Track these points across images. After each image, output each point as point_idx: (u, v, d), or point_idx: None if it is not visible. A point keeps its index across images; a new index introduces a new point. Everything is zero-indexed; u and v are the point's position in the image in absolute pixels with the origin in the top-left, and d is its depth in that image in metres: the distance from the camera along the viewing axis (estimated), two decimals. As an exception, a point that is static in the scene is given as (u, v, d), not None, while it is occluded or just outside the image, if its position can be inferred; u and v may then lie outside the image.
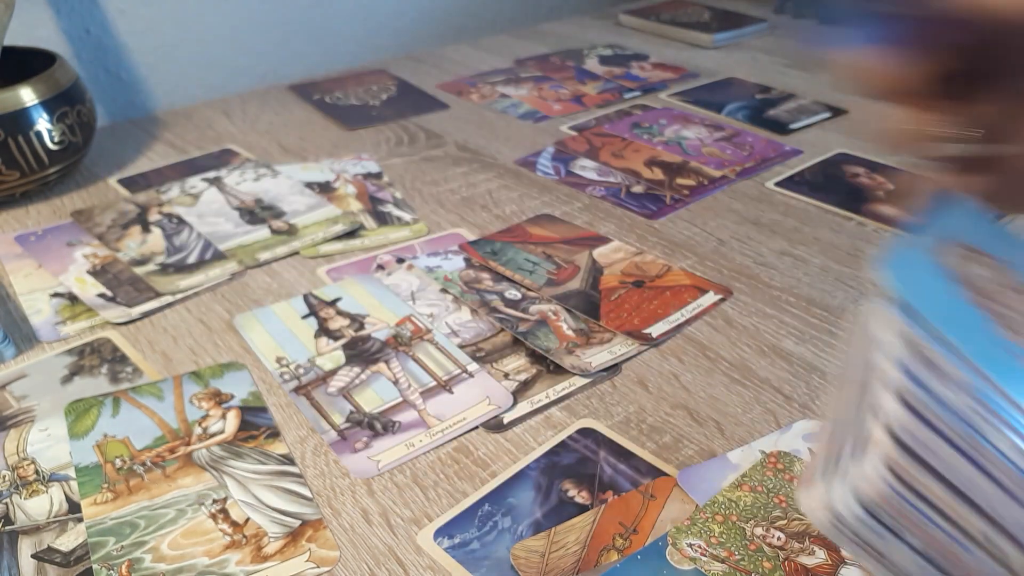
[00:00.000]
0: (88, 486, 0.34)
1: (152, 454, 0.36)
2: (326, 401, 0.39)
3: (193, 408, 0.38)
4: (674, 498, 0.33)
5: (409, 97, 0.76)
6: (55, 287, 0.48)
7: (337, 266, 0.50)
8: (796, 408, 0.38)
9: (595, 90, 0.77)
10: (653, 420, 0.37)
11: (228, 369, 0.41)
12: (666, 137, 0.67)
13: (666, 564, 0.30)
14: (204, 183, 0.59)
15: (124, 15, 0.75)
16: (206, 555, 0.31)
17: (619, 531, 0.32)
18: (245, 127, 0.70)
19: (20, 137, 0.53)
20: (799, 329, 0.44)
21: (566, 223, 0.54)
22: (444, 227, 0.54)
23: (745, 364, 0.41)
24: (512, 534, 0.32)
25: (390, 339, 0.43)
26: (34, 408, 0.39)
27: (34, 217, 0.56)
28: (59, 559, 0.31)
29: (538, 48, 0.90)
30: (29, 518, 0.33)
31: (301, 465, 0.35)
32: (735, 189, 0.59)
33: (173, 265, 0.50)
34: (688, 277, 0.48)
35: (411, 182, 0.60)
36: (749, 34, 0.93)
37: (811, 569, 0.30)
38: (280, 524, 0.33)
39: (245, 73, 0.85)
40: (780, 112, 0.71)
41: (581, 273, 0.48)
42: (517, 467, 0.35)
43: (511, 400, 0.39)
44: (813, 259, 0.50)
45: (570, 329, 0.43)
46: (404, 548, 0.32)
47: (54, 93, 0.55)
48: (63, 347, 0.43)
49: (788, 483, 0.33)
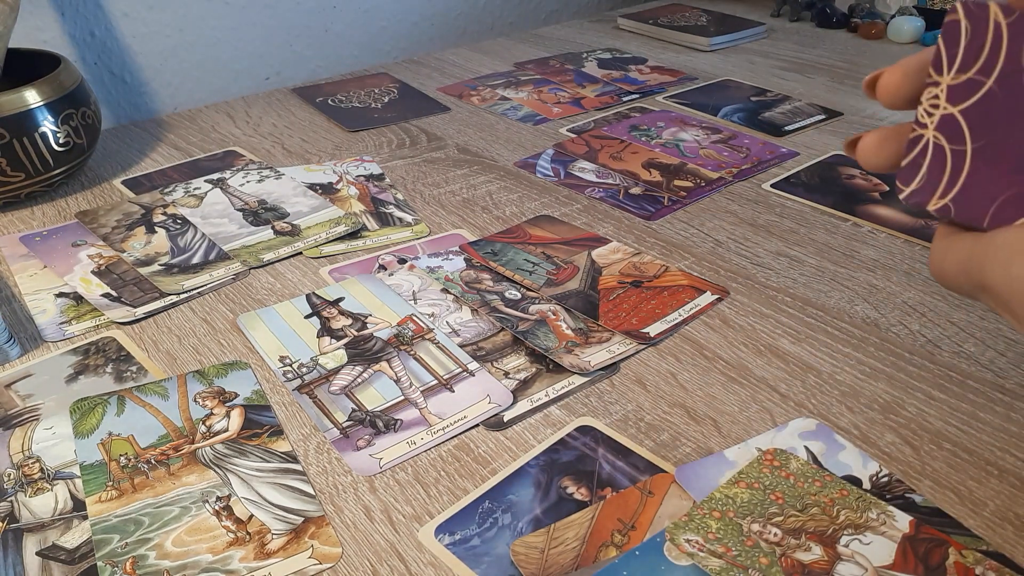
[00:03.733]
0: (93, 484, 0.35)
1: (156, 452, 0.36)
2: (328, 400, 0.39)
3: (197, 406, 0.39)
4: (672, 495, 0.33)
5: (410, 100, 0.77)
6: (60, 287, 0.48)
7: (340, 266, 0.51)
8: (792, 406, 0.38)
9: (594, 93, 0.78)
10: (651, 418, 0.38)
11: (232, 368, 0.42)
12: (664, 139, 0.67)
13: (664, 560, 0.30)
14: (208, 184, 0.60)
15: (128, 18, 0.76)
16: (210, 552, 0.32)
17: (617, 527, 0.32)
18: (249, 129, 0.71)
19: (25, 139, 0.54)
20: (795, 329, 0.44)
21: (565, 224, 0.55)
22: (445, 228, 0.55)
23: (742, 363, 0.41)
24: (512, 531, 0.32)
25: (392, 338, 0.43)
26: (39, 407, 0.39)
27: (39, 218, 0.57)
28: (64, 556, 0.32)
29: (538, 52, 0.91)
30: (34, 516, 0.33)
31: (304, 463, 0.36)
32: (732, 191, 0.59)
33: (177, 265, 0.50)
34: (685, 277, 0.48)
35: (412, 184, 0.61)
36: (746, 38, 0.93)
37: (807, 565, 0.30)
38: (283, 521, 0.33)
39: (248, 76, 0.85)
40: (776, 114, 0.72)
41: (580, 273, 0.49)
42: (517, 464, 0.35)
43: (511, 398, 0.39)
44: (809, 260, 0.50)
45: (569, 329, 0.44)
46: (405, 545, 0.32)
47: (59, 95, 0.56)
48: (68, 346, 0.43)
49: (784, 480, 0.34)
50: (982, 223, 0.23)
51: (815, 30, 0.97)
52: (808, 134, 0.68)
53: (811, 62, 0.86)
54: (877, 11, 0.95)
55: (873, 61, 0.86)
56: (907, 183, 0.25)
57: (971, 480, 0.34)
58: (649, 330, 0.44)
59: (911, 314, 0.45)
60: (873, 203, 0.57)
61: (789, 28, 0.98)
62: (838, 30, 0.96)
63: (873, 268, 0.49)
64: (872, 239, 0.53)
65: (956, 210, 0.24)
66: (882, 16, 0.95)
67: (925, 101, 0.24)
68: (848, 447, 0.36)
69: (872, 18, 0.94)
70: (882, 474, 0.34)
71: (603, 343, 0.43)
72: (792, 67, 0.84)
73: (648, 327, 0.44)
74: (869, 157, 0.26)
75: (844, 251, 0.51)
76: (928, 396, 0.39)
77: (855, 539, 0.31)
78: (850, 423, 0.37)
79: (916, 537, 0.31)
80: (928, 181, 0.24)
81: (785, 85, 0.79)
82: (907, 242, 0.52)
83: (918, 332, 0.44)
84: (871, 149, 0.26)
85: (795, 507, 0.32)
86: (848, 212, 0.56)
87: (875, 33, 0.92)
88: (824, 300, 0.46)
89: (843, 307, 0.46)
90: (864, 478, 0.34)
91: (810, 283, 0.48)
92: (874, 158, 0.26)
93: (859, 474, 0.34)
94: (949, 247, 0.24)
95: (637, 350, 0.42)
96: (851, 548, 0.31)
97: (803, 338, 0.43)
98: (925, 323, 0.44)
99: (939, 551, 0.31)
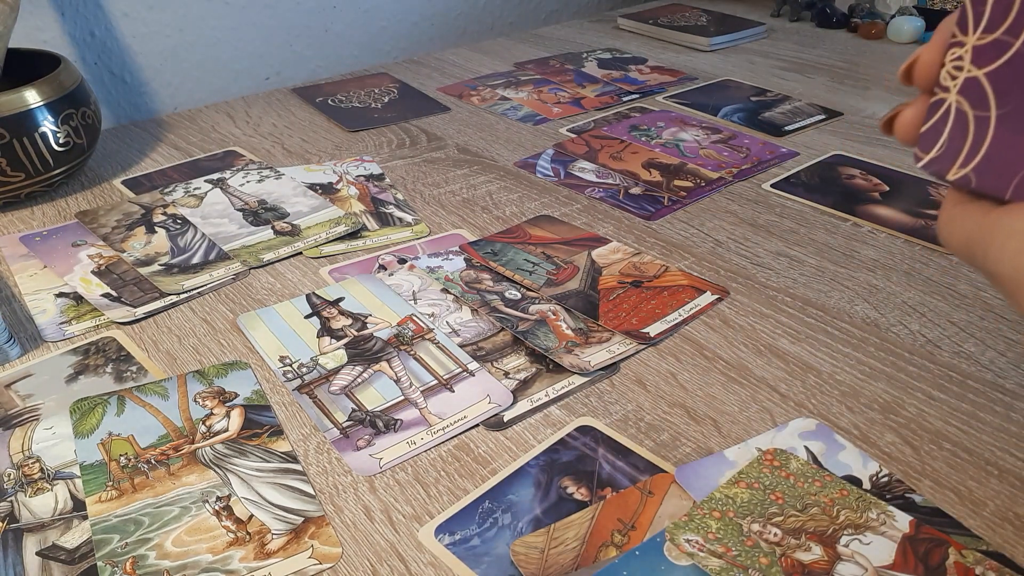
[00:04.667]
0: (93, 484, 0.35)
1: (156, 452, 0.36)
2: (328, 400, 0.39)
3: (197, 407, 0.39)
4: (672, 495, 0.33)
5: (410, 100, 0.77)
6: (60, 287, 0.48)
7: (340, 266, 0.51)
8: (792, 406, 0.38)
9: (594, 93, 0.78)
10: (651, 418, 0.38)
11: (232, 368, 0.42)
12: (664, 139, 0.67)
13: (664, 560, 0.30)
14: (208, 185, 0.60)
15: (128, 18, 0.76)
16: (210, 552, 0.32)
17: (617, 527, 0.32)
18: (249, 129, 0.71)
19: (25, 139, 0.54)
20: (795, 329, 0.44)
21: (565, 224, 0.55)
22: (445, 228, 0.55)
23: (742, 363, 0.41)
24: (512, 531, 0.32)
25: (392, 338, 0.43)
26: (39, 407, 0.39)
27: (39, 218, 0.57)
28: (64, 556, 0.32)
29: (538, 52, 0.91)
30: (34, 516, 0.33)
31: (304, 463, 0.36)
32: (732, 191, 0.59)
33: (177, 265, 0.50)
34: (685, 277, 0.48)
35: (412, 184, 0.61)
36: (746, 38, 0.93)
37: (807, 565, 0.30)
38: (283, 521, 0.33)
39: (248, 76, 0.85)
40: (776, 114, 0.72)
41: (580, 273, 0.49)
42: (517, 464, 0.35)
43: (511, 398, 0.39)
44: (809, 260, 0.50)
45: (569, 329, 0.44)
46: (406, 545, 0.32)
47: (59, 95, 0.56)
48: (68, 346, 0.43)
49: (784, 480, 0.34)
50: (1004, 195, 0.21)
51: (815, 30, 0.97)
52: (808, 134, 0.68)
53: (811, 62, 0.86)
54: (877, 11, 0.95)
55: (873, 61, 0.86)
56: (927, 150, 0.23)
57: (971, 480, 0.34)
58: (649, 330, 0.44)
59: (911, 314, 0.45)
60: (873, 203, 0.57)
61: (789, 28, 0.98)
62: (838, 30, 0.96)
63: (873, 268, 0.49)
64: (872, 239, 0.53)
65: (977, 180, 0.22)
66: (882, 16, 0.95)
67: (949, 63, 0.22)
68: (848, 447, 0.36)
69: (872, 18, 0.94)
70: (882, 474, 0.34)
71: (603, 343, 0.43)
72: (792, 67, 0.84)
73: (648, 327, 0.44)
74: (909, 132, 0.24)
75: (844, 251, 0.51)
76: (928, 396, 0.39)
77: (855, 539, 0.31)
78: (850, 423, 0.37)
79: (916, 537, 0.31)
80: (949, 148, 0.23)
81: (785, 85, 0.79)
82: (907, 242, 0.52)
83: (918, 332, 0.44)
84: (912, 123, 0.24)
85: (795, 507, 0.32)
86: (848, 212, 0.56)
87: (875, 33, 0.92)
88: (824, 300, 0.46)
89: (843, 307, 0.46)
90: (864, 478, 0.34)
91: (810, 283, 0.48)
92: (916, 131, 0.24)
93: (859, 474, 0.34)
94: (958, 217, 0.23)
95: (637, 350, 0.42)
96: (851, 548, 0.31)
97: (803, 338, 0.43)
98: (925, 323, 0.44)
99: (939, 551, 0.31)
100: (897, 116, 0.25)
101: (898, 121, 0.25)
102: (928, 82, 0.24)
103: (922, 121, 0.24)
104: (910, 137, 0.25)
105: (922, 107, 0.24)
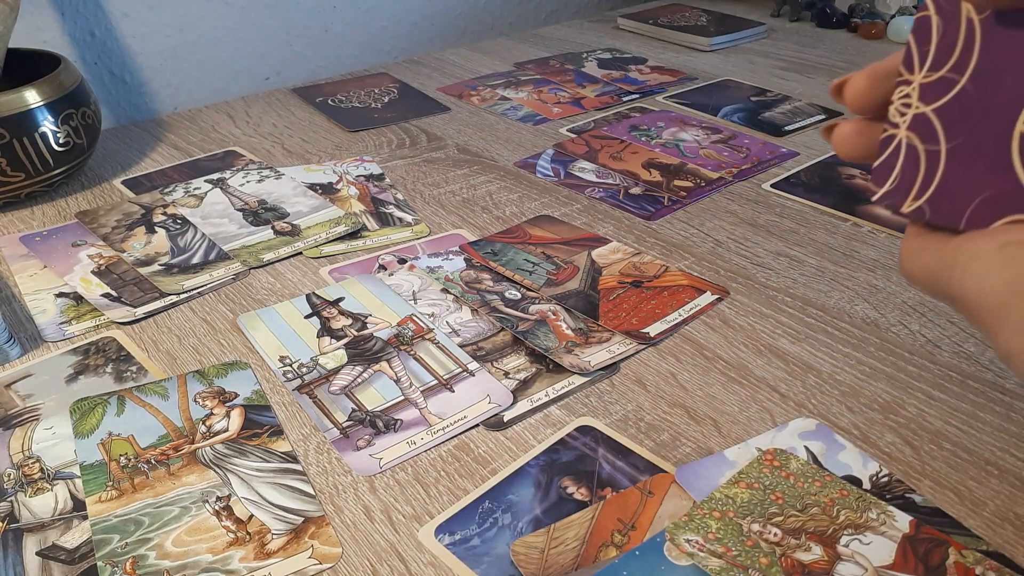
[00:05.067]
0: (93, 484, 0.35)
1: (156, 452, 0.36)
2: (329, 400, 0.39)
3: (197, 406, 0.39)
4: (672, 495, 0.33)
5: (410, 100, 0.77)
6: (60, 287, 0.48)
7: (340, 266, 0.51)
8: (792, 406, 0.38)
9: (594, 93, 0.78)
10: (651, 418, 0.38)
11: (232, 368, 0.42)
12: (664, 139, 0.67)
13: (664, 560, 0.30)
14: (208, 185, 0.60)
15: (128, 18, 0.76)
16: (210, 552, 0.32)
17: (617, 527, 0.32)
18: (249, 129, 0.71)
19: (25, 139, 0.54)
20: (795, 329, 0.44)
21: (565, 224, 0.55)
22: (445, 228, 0.55)
23: (742, 363, 0.41)
24: (512, 531, 0.32)
25: (392, 338, 0.43)
26: (39, 407, 0.39)
27: (39, 218, 0.57)
28: (64, 556, 0.32)
29: (538, 52, 0.91)
30: (34, 516, 0.33)
31: (304, 463, 0.36)
32: (732, 191, 0.59)
33: (177, 265, 0.50)
34: (685, 277, 0.48)
35: (412, 184, 0.61)
36: (746, 38, 0.93)
37: (807, 565, 0.30)
38: (283, 521, 0.33)
39: (248, 76, 0.85)
40: (776, 114, 0.72)
41: (580, 273, 0.49)
42: (517, 464, 0.35)
43: (511, 398, 0.39)
44: (809, 260, 0.50)
45: (569, 329, 0.44)
46: (405, 545, 0.32)
47: (59, 95, 0.56)
48: (68, 346, 0.43)
49: (784, 480, 0.34)
50: (958, 225, 0.22)
51: (815, 30, 0.97)
52: (808, 134, 0.68)
53: (811, 62, 0.86)
54: (877, 11, 0.95)
55: (873, 61, 0.86)
56: (880, 184, 0.24)
57: (971, 480, 0.34)
58: (649, 330, 0.44)
59: (911, 314, 0.45)
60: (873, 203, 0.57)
61: (789, 28, 0.98)
62: (838, 30, 0.96)
63: (873, 268, 0.49)
64: (872, 239, 0.53)
65: (931, 212, 0.23)
66: (882, 16, 0.95)
67: (897, 100, 0.23)
68: (848, 447, 0.36)
69: (872, 18, 0.94)
70: (882, 474, 0.34)
71: (603, 343, 0.43)
72: (792, 67, 0.84)
73: (648, 327, 0.44)
74: (843, 145, 0.25)
75: (844, 251, 0.51)
76: (928, 396, 0.39)
77: (855, 539, 0.31)
78: (850, 423, 0.37)
79: (916, 537, 0.31)
80: (902, 182, 0.23)
81: (785, 85, 0.79)
82: (907, 242, 0.52)
83: (918, 332, 0.44)
84: (846, 138, 0.25)
85: (795, 507, 0.32)
86: (848, 212, 0.56)
87: (875, 33, 0.92)
88: (824, 300, 0.46)
89: (843, 307, 0.46)
90: (864, 478, 0.34)
91: (810, 283, 0.48)
92: (848, 146, 0.25)
93: (859, 474, 0.34)
94: (917, 250, 0.23)
95: (637, 350, 0.42)
96: (851, 548, 0.31)
97: (803, 338, 0.43)
98: (925, 323, 0.44)
99: (939, 551, 0.31)
100: (836, 127, 0.26)
101: (835, 133, 0.26)
102: (855, 105, 0.25)
103: (857, 138, 0.25)
104: (845, 149, 0.26)
105: (859, 126, 0.25)
